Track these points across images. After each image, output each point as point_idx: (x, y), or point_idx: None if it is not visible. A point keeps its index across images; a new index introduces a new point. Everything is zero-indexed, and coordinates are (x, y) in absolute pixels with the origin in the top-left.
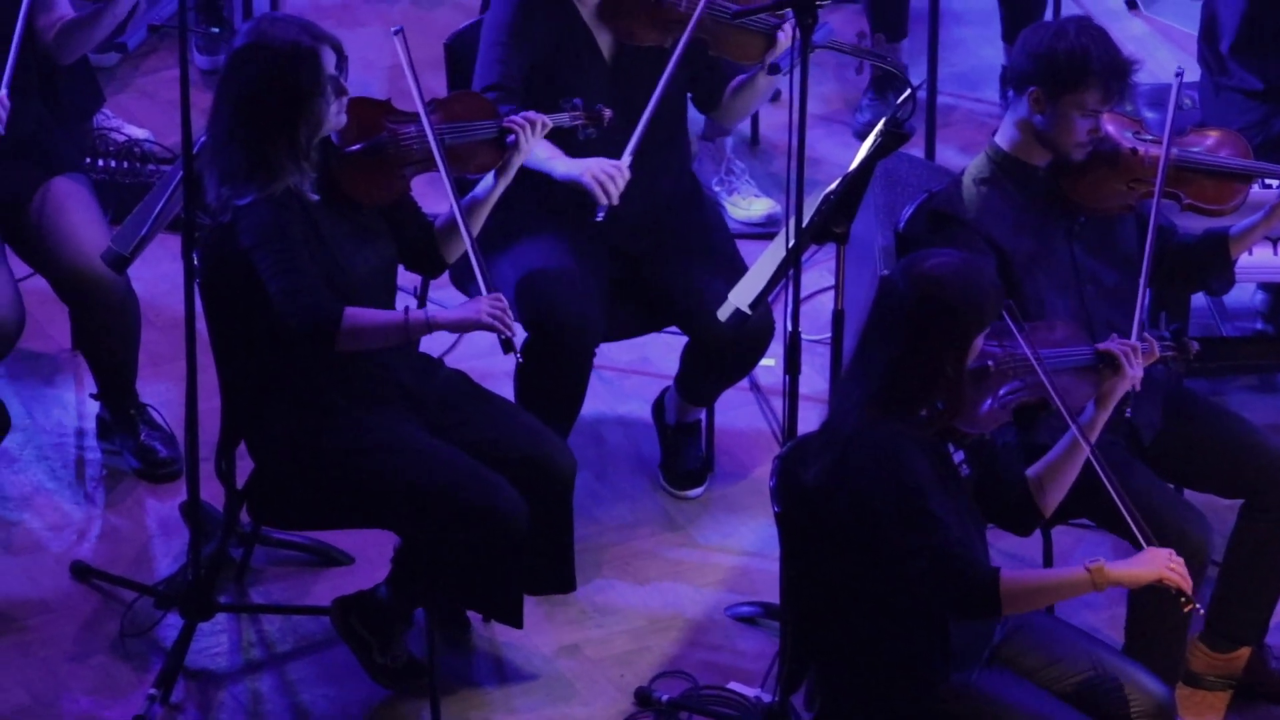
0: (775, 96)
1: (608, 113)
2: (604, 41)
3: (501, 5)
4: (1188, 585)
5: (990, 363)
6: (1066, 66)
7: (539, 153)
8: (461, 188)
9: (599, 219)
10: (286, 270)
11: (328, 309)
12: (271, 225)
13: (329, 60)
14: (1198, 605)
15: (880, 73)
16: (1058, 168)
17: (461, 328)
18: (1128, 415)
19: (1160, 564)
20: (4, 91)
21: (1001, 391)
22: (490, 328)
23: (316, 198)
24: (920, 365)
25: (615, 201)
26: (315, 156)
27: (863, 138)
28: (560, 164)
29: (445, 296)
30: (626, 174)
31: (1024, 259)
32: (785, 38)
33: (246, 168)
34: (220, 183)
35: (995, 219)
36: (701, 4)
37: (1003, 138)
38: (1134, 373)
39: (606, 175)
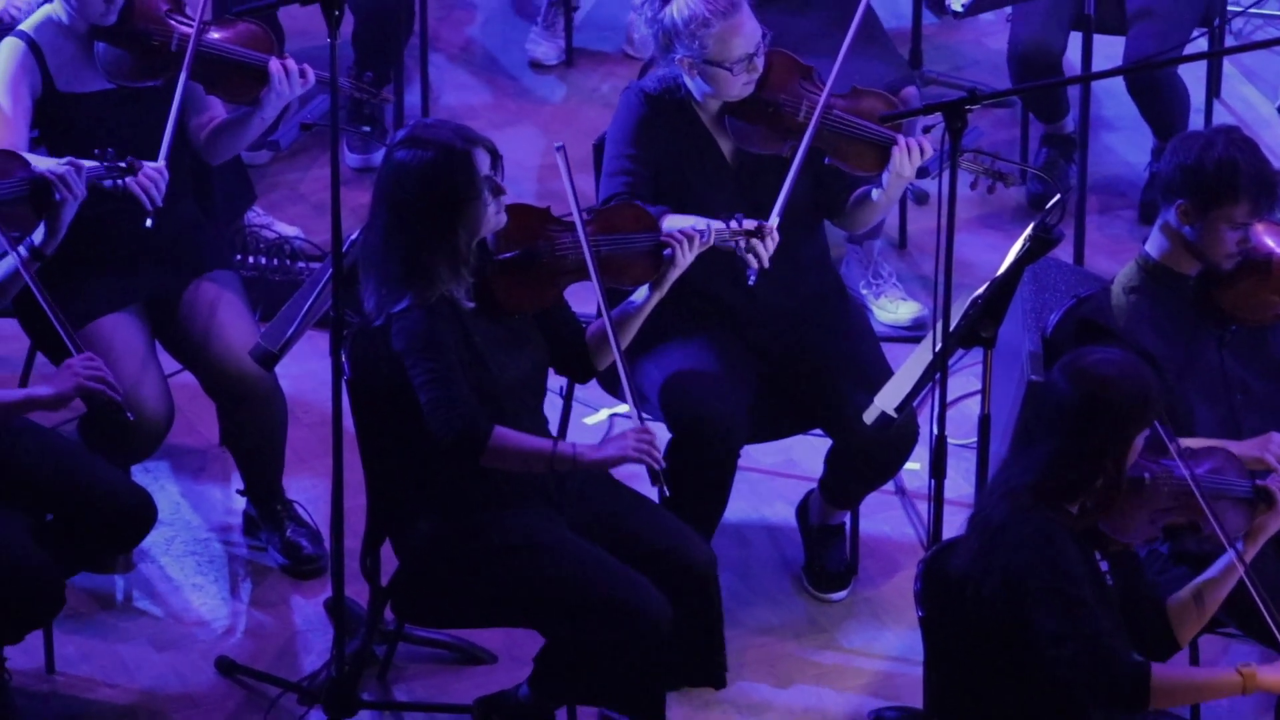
0: (923, 199)
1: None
2: (726, 147)
3: (623, 115)
4: None
5: (1146, 475)
6: (1214, 181)
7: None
8: (615, 297)
9: (751, 283)
10: (438, 381)
11: (477, 425)
12: (425, 334)
13: (483, 162)
14: None
15: (1049, 143)
16: (1208, 277)
17: (608, 465)
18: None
19: None
20: (163, 163)
21: (1154, 507)
22: (638, 461)
23: (472, 305)
24: (1081, 462)
25: (766, 265)
26: (474, 261)
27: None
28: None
29: (591, 395)
30: (776, 236)
31: (1174, 368)
32: (900, 151)
33: (403, 275)
34: (378, 289)
35: (1145, 328)
36: (818, 113)
37: (1153, 246)
38: None
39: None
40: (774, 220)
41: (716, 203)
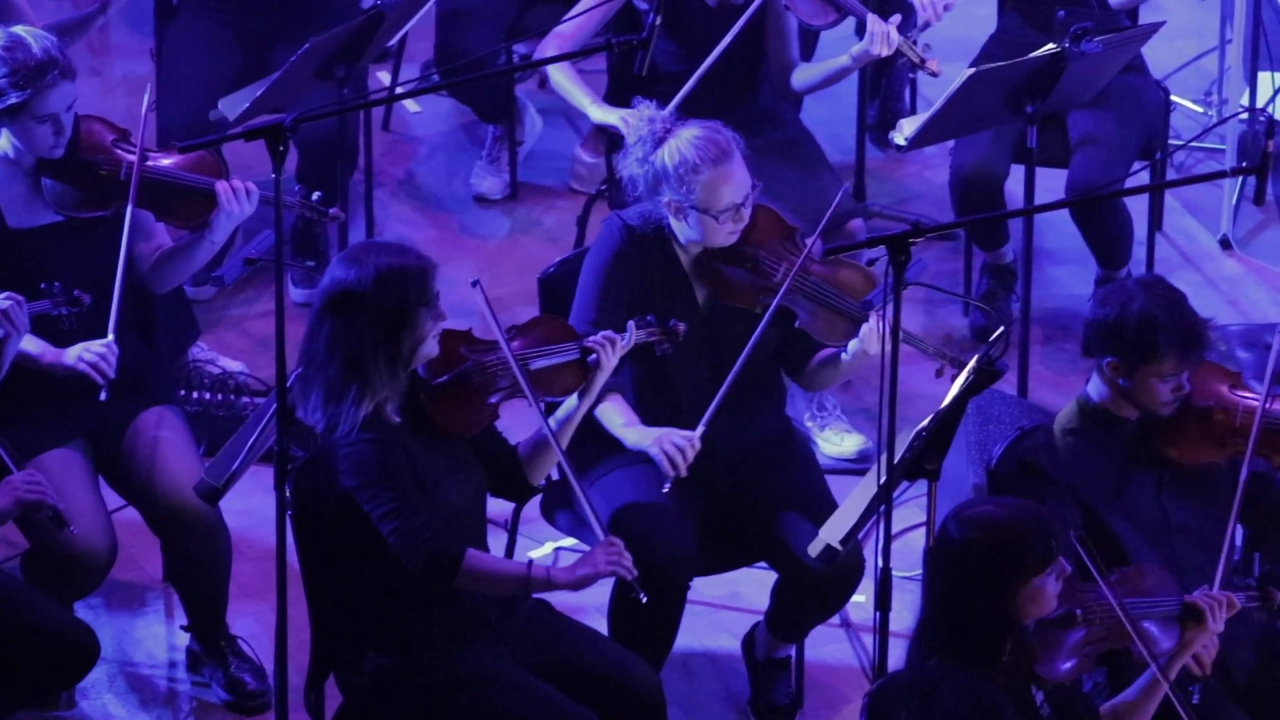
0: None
1: (681, 326)
2: (700, 293)
3: (602, 247)
4: None
5: (1078, 610)
6: (1136, 340)
7: (613, 419)
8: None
9: (665, 490)
10: (400, 510)
11: (449, 549)
12: (378, 464)
13: (433, 278)
14: None
15: (989, 273)
16: (1148, 422)
17: (584, 584)
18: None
19: None
20: (112, 338)
21: (1087, 638)
22: (611, 575)
23: (398, 420)
24: (971, 612)
25: (684, 474)
26: (405, 379)
27: None
28: (632, 433)
29: (536, 529)
30: (698, 445)
31: (1112, 511)
32: (870, 327)
33: (341, 378)
34: (324, 401)
35: (1082, 474)
36: (793, 274)
37: (1093, 390)
38: (1215, 626)
39: (676, 448)
40: (699, 430)
41: (682, 347)
